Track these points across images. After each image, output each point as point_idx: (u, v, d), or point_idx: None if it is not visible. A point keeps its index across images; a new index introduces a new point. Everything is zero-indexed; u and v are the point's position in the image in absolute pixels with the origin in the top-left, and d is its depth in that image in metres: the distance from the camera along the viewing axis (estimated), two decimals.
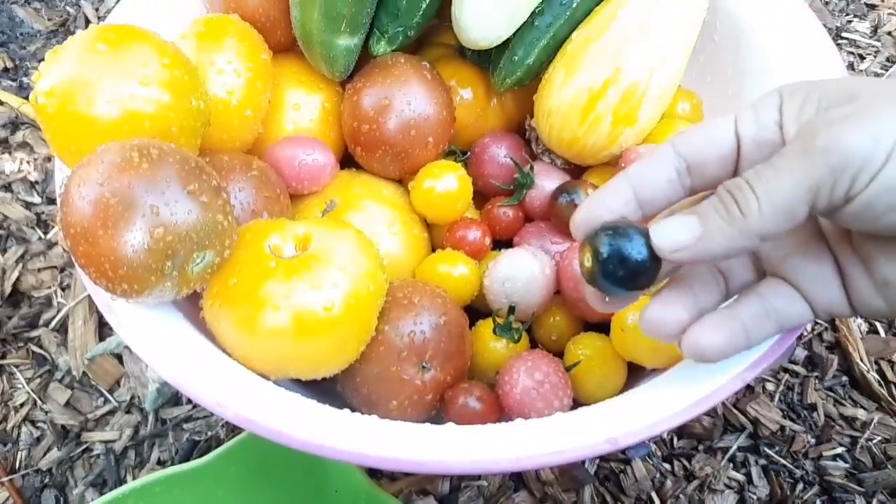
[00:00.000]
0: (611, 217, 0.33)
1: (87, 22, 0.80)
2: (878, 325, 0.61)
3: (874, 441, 0.56)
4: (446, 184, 0.50)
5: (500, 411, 0.43)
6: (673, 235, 0.30)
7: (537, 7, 0.49)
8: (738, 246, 0.30)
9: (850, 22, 0.80)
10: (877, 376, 0.58)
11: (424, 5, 0.49)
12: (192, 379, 0.35)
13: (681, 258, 0.30)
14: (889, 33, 0.79)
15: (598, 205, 0.34)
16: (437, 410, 0.44)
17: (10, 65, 0.76)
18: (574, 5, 0.49)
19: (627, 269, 0.31)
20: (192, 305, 0.41)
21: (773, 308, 0.33)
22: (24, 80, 0.75)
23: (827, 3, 0.82)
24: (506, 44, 0.50)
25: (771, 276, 0.34)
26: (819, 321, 0.32)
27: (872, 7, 0.82)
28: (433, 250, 0.53)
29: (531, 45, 0.50)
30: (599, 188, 0.34)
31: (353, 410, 0.37)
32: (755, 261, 0.35)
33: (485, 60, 0.55)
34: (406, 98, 0.49)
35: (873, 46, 0.78)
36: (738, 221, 0.29)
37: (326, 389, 0.45)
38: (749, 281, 0.35)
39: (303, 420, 0.34)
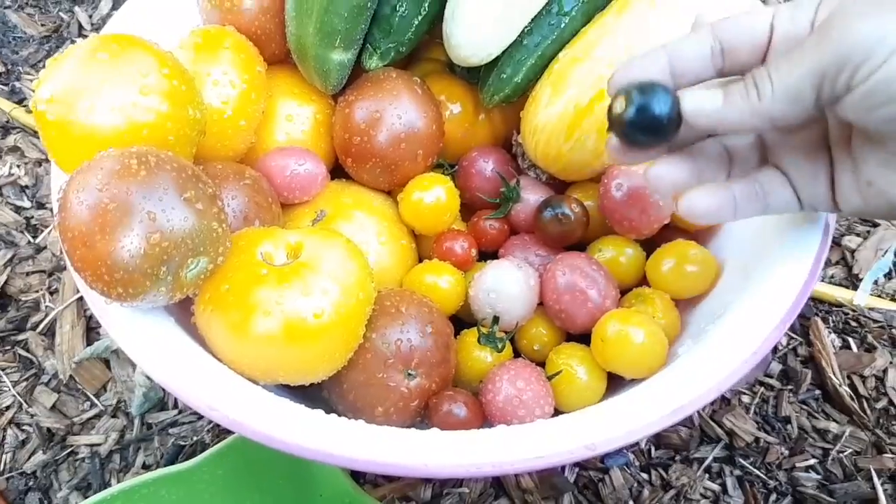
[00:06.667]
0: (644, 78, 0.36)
1: (80, 28, 0.80)
2: (850, 340, 0.63)
3: (845, 453, 0.57)
4: (434, 196, 0.51)
5: (483, 419, 0.44)
6: (699, 101, 0.34)
7: (526, 27, 0.51)
8: (750, 123, 0.33)
9: None
10: (849, 390, 0.60)
11: (416, 23, 0.51)
12: (183, 382, 0.36)
13: (699, 122, 0.34)
14: None
15: (635, 67, 0.36)
16: (422, 417, 0.45)
17: (1, 69, 0.76)
18: (562, 26, 0.51)
19: (652, 119, 0.34)
20: (183, 310, 0.42)
21: (764, 191, 0.37)
22: (16, 84, 0.75)
23: None
24: (495, 61, 0.52)
25: (770, 165, 0.38)
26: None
27: None
28: (420, 261, 0.54)
29: (519, 64, 0.51)
30: (636, 55, 0.37)
31: (339, 416, 0.38)
32: (761, 149, 0.39)
33: (474, 77, 0.56)
34: (397, 112, 0.50)
35: None
36: (754, 103, 0.33)
37: (313, 395, 0.45)
38: (753, 165, 0.39)
39: (293, 424, 0.35)
